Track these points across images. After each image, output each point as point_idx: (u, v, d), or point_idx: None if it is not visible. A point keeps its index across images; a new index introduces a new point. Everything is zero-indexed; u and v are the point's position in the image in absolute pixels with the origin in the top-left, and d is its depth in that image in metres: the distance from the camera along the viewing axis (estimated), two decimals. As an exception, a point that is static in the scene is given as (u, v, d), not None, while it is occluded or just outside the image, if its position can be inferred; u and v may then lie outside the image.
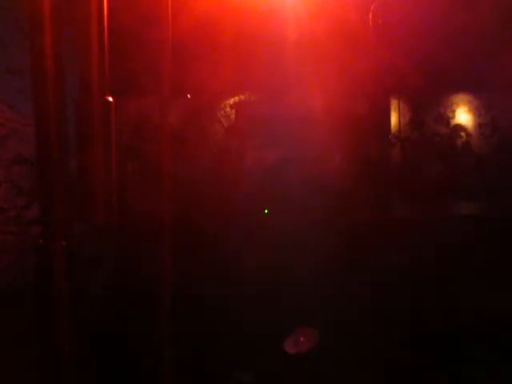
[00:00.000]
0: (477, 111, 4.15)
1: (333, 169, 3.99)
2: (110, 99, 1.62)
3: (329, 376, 3.27)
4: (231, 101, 3.95)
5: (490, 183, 4.00)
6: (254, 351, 3.32)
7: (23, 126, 2.55)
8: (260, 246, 3.61)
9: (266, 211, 3.85)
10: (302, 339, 3.45)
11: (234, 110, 3.95)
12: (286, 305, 3.47)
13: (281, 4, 3.47)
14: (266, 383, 3.36)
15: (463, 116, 4.15)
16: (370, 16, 3.62)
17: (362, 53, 3.56)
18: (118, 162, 1.65)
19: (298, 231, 3.60)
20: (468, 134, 4.14)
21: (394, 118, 4.11)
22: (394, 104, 4.11)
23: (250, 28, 3.41)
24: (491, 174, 4.05)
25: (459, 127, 4.14)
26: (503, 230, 3.72)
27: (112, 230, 2.95)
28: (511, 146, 4.06)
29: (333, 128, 3.80)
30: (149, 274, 2.80)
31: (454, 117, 4.15)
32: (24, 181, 2.63)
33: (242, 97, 3.96)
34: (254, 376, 3.39)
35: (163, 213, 2.30)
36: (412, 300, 3.70)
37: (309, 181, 3.88)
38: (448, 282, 3.68)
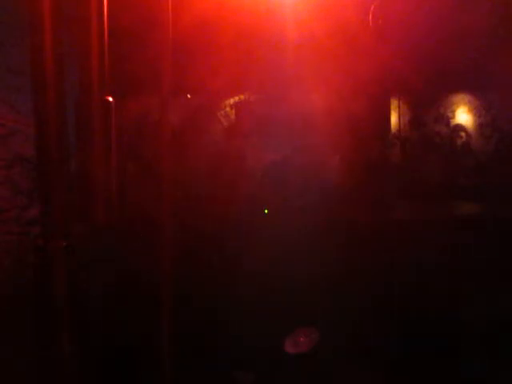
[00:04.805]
0: (477, 111, 4.15)
1: (333, 169, 4.00)
2: (110, 99, 1.62)
3: (329, 376, 3.27)
4: (231, 101, 3.95)
5: (489, 183, 4.00)
6: (254, 351, 3.32)
7: (23, 125, 2.55)
8: (260, 246, 3.61)
9: (265, 211, 3.85)
10: (301, 339, 3.45)
11: (233, 110, 3.95)
12: (286, 305, 3.47)
13: (281, 4, 3.47)
14: (265, 383, 3.36)
15: (463, 116, 4.15)
16: (370, 16, 3.62)
17: (362, 53, 3.56)
18: (117, 162, 1.65)
19: (298, 231, 3.60)
20: (468, 134, 4.14)
21: (394, 118, 4.11)
22: (393, 104, 4.11)
23: (250, 28, 3.41)
24: (491, 174, 4.06)
25: (459, 127, 4.14)
26: (504, 231, 3.72)
27: (112, 230, 2.95)
28: (511, 145, 4.07)
29: (333, 128, 3.80)
30: (149, 274, 2.80)
31: (453, 117, 4.15)
32: (24, 181, 2.62)
33: (242, 97, 3.96)
34: (253, 376, 3.39)
35: (163, 213, 2.31)
36: (412, 300, 3.71)
37: (309, 181, 3.88)
38: (448, 282, 3.68)
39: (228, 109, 3.96)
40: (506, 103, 4.04)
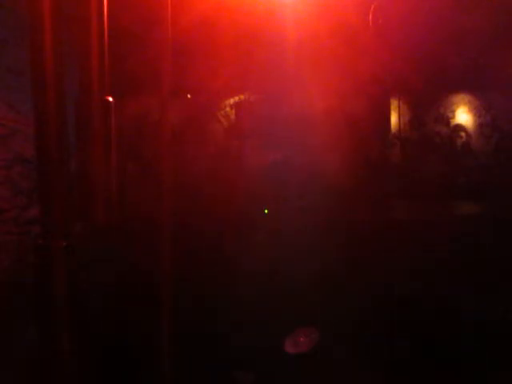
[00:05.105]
0: (477, 111, 4.15)
1: (333, 169, 3.99)
2: (110, 99, 1.62)
3: (329, 376, 3.26)
4: (231, 101, 3.95)
5: (489, 183, 4.00)
6: (254, 351, 3.32)
7: (23, 125, 2.55)
8: (260, 245, 3.61)
9: (265, 211, 3.85)
10: (302, 339, 3.45)
11: (233, 110, 3.95)
12: (287, 305, 3.47)
13: (281, 4, 3.47)
14: (265, 383, 3.36)
15: (463, 116, 4.15)
16: (370, 16, 3.61)
17: (362, 53, 3.56)
18: (117, 162, 1.64)
19: (298, 231, 3.60)
20: (468, 134, 4.14)
21: (394, 118, 4.11)
22: (393, 104, 4.11)
23: (250, 28, 3.41)
24: (491, 174, 4.06)
25: (459, 127, 4.14)
26: (504, 231, 3.72)
27: (112, 230, 2.96)
28: (511, 145, 4.07)
29: (333, 128, 3.80)
30: (149, 274, 2.80)
31: (453, 117, 4.15)
32: (24, 181, 2.63)
33: (242, 97, 3.96)
34: (253, 376, 3.39)
35: (163, 212, 2.31)
36: (412, 300, 3.71)
37: (309, 181, 3.88)
38: (448, 281, 3.68)
39: (228, 109, 3.96)
40: (506, 103, 4.04)
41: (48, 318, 1.52)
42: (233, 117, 3.95)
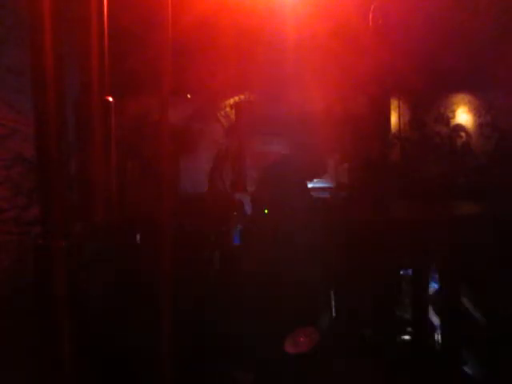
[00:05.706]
0: (477, 111, 4.15)
1: (333, 169, 4.00)
2: (110, 99, 1.62)
3: (329, 376, 3.26)
4: (231, 101, 3.95)
5: (490, 183, 4.00)
6: (254, 351, 3.32)
7: (23, 126, 2.55)
8: (259, 245, 3.61)
9: (265, 211, 3.85)
10: (301, 339, 3.45)
11: (233, 110, 3.95)
12: (287, 305, 3.47)
13: (281, 5, 3.47)
14: (265, 383, 3.36)
15: (463, 116, 4.15)
16: (370, 16, 3.61)
17: (362, 53, 3.56)
18: (117, 162, 1.64)
19: (297, 231, 3.60)
20: (468, 134, 4.14)
21: (394, 118, 4.11)
22: (393, 104, 4.11)
23: (251, 28, 3.41)
24: (491, 174, 4.06)
25: (459, 127, 4.14)
26: (504, 231, 3.71)
27: (112, 230, 2.96)
28: (511, 145, 4.07)
29: (333, 128, 3.80)
30: (149, 273, 2.80)
31: (454, 117, 4.15)
32: (24, 181, 2.63)
33: (242, 97, 3.96)
34: (253, 376, 3.38)
35: (163, 212, 2.30)
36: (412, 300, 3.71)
37: (308, 181, 3.88)
38: (448, 281, 3.68)
39: (228, 109, 3.96)
40: (506, 103, 4.05)
41: (48, 318, 1.52)
42: (233, 117, 3.96)
